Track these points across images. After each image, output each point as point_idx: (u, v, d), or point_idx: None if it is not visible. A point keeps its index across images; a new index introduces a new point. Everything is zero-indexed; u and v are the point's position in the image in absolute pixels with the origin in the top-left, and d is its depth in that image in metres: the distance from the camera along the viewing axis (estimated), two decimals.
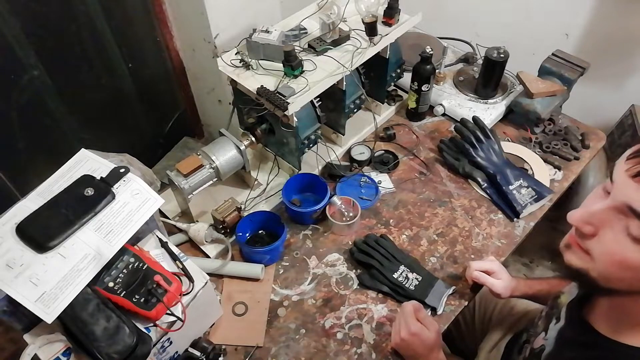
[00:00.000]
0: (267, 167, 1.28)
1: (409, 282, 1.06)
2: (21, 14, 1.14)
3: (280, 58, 1.08)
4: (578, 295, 0.77)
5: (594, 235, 0.62)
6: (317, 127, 1.19)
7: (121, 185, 0.85)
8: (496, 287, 1.02)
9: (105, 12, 1.33)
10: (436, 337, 0.92)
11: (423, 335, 0.91)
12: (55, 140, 1.36)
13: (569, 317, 0.76)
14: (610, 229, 0.60)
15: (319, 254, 1.14)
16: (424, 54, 1.29)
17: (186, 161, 1.09)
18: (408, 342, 0.92)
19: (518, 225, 1.19)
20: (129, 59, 1.47)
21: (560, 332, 0.75)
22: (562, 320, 0.77)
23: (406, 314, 0.94)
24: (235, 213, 1.13)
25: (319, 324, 1.03)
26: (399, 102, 1.47)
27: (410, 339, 0.91)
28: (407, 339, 0.91)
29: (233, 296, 1.07)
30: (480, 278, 1.02)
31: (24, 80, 1.20)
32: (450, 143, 1.33)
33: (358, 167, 1.29)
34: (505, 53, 1.33)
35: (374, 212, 1.22)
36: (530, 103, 1.34)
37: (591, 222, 0.62)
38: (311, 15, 1.25)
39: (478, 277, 1.03)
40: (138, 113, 1.62)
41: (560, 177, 1.29)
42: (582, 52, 1.67)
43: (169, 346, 0.89)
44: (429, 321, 0.93)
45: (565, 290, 0.83)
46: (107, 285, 0.81)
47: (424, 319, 0.93)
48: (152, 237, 0.94)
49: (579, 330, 0.71)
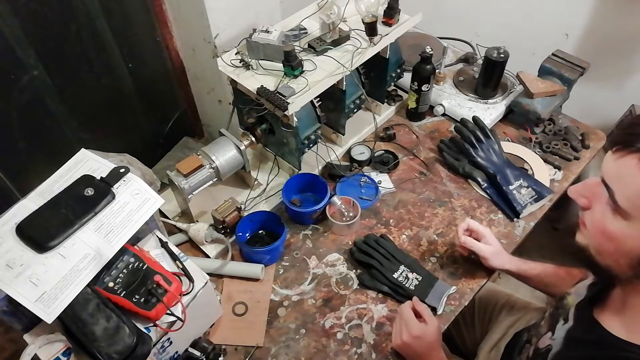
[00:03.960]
0: (267, 167, 1.28)
1: (409, 282, 1.06)
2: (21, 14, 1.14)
3: (280, 58, 1.08)
4: (587, 295, 0.77)
5: (589, 208, 0.67)
6: (317, 127, 1.19)
7: (121, 185, 0.85)
8: (484, 251, 1.03)
9: (105, 12, 1.33)
10: (437, 334, 0.93)
11: (425, 337, 0.91)
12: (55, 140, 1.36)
13: (578, 318, 0.75)
14: (599, 201, 0.65)
15: (319, 254, 1.14)
16: (424, 54, 1.29)
17: (186, 161, 1.09)
18: (410, 345, 0.92)
19: (518, 225, 1.19)
20: (129, 59, 1.46)
21: (568, 332, 0.75)
22: (571, 320, 0.76)
23: (406, 316, 0.94)
24: (235, 213, 1.13)
25: (319, 324, 1.03)
26: (399, 102, 1.47)
27: (412, 342, 0.92)
28: (409, 342, 0.92)
29: (233, 296, 1.07)
30: (468, 242, 1.03)
31: (24, 80, 1.20)
32: (450, 143, 1.33)
33: (358, 167, 1.29)
34: (505, 53, 1.33)
35: (374, 212, 1.22)
36: (530, 103, 1.34)
37: (585, 195, 0.67)
38: (311, 15, 1.25)
39: (466, 242, 1.04)
40: (138, 113, 1.61)
41: (560, 177, 1.29)
42: (582, 52, 1.67)
43: (169, 346, 0.89)
44: (428, 315, 0.94)
45: (571, 291, 0.82)
46: (107, 285, 0.81)
47: (423, 312, 0.95)
48: (152, 237, 0.94)
49: (590, 330, 0.71)
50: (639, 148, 0.59)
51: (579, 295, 0.79)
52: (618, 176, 0.61)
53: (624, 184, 0.61)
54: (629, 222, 0.61)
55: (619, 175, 0.61)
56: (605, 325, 0.69)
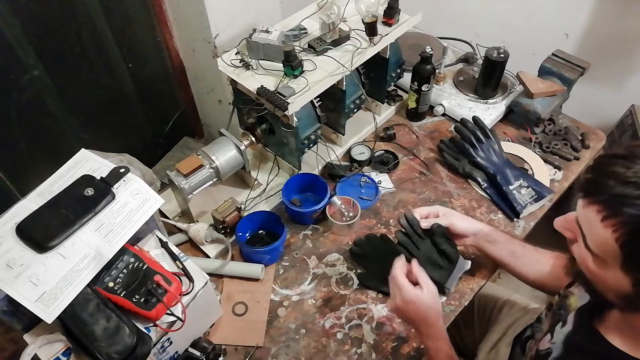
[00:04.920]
0: (267, 167, 1.28)
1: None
2: (21, 14, 1.14)
3: (280, 58, 1.08)
4: (589, 303, 0.75)
5: (575, 241, 0.66)
6: (317, 127, 1.19)
7: (121, 185, 0.85)
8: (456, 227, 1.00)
9: (105, 12, 1.33)
10: (432, 301, 0.88)
11: (419, 303, 0.87)
12: (55, 140, 1.36)
13: (578, 324, 0.74)
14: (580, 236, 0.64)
15: (319, 254, 1.14)
16: (424, 54, 1.29)
17: (186, 161, 1.09)
18: (403, 310, 0.89)
19: (518, 225, 1.19)
20: (129, 59, 1.46)
21: (567, 337, 0.74)
22: (570, 325, 0.75)
23: (399, 281, 0.89)
24: (235, 213, 1.13)
25: (319, 324, 1.03)
26: (399, 102, 1.47)
27: (405, 307, 0.88)
28: (402, 307, 0.89)
29: (233, 296, 1.07)
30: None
31: (24, 80, 1.20)
32: (450, 143, 1.33)
33: (358, 167, 1.29)
34: (505, 53, 1.33)
35: (374, 212, 1.22)
36: (530, 103, 1.34)
37: (568, 228, 0.67)
38: (311, 15, 1.25)
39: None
40: (138, 113, 1.61)
41: (560, 177, 1.29)
42: (582, 52, 1.67)
43: (169, 346, 0.89)
44: (423, 280, 0.89)
45: (575, 292, 0.81)
46: (107, 285, 0.81)
47: (418, 276, 0.89)
48: (152, 237, 0.94)
49: (590, 339, 0.70)
50: (599, 200, 0.58)
51: (582, 298, 0.78)
52: (586, 223, 0.61)
53: (591, 232, 0.60)
54: (604, 265, 0.61)
55: (587, 222, 0.61)
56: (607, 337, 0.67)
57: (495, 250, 1.02)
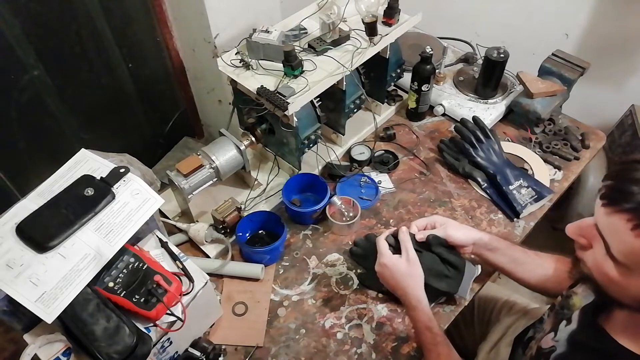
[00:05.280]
0: (267, 167, 1.28)
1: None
2: (21, 14, 1.14)
3: (280, 58, 1.08)
4: (594, 301, 0.75)
5: (590, 248, 0.65)
6: (317, 127, 1.19)
7: (121, 185, 0.85)
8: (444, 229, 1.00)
9: (105, 12, 1.33)
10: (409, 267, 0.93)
11: (394, 268, 0.94)
12: (55, 140, 1.36)
13: (583, 322, 0.74)
14: (598, 243, 0.63)
15: (319, 254, 1.14)
16: (424, 54, 1.29)
17: (186, 161, 1.09)
18: (381, 273, 0.97)
19: (518, 225, 1.19)
20: (129, 59, 1.46)
21: (572, 335, 0.74)
22: (574, 323, 0.75)
23: (379, 245, 0.97)
24: (235, 213, 1.13)
25: (319, 324, 1.03)
26: (399, 102, 1.47)
27: (381, 270, 0.97)
28: (379, 270, 0.97)
29: (233, 296, 1.07)
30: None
31: (24, 80, 1.20)
32: (450, 143, 1.33)
33: (358, 167, 1.29)
34: (505, 53, 1.33)
35: (374, 212, 1.22)
36: (530, 103, 1.34)
37: (583, 235, 0.66)
38: (311, 15, 1.25)
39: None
40: (138, 113, 1.61)
41: (560, 177, 1.29)
42: (582, 52, 1.67)
43: (169, 346, 0.89)
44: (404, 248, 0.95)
45: (578, 292, 0.81)
46: (107, 285, 0.81)
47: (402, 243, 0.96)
48: (152, 237, 0.94)
49: (595, 337, 0.69)
50: (627, 209, 0.57)
51: (586, 298, 0.78)
52: (611, 232, 0.59)
53: (618, 240, 0.59)
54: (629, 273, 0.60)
55: (612, 231, 0.59)
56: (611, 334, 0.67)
57: (496, 257, 1.02)
